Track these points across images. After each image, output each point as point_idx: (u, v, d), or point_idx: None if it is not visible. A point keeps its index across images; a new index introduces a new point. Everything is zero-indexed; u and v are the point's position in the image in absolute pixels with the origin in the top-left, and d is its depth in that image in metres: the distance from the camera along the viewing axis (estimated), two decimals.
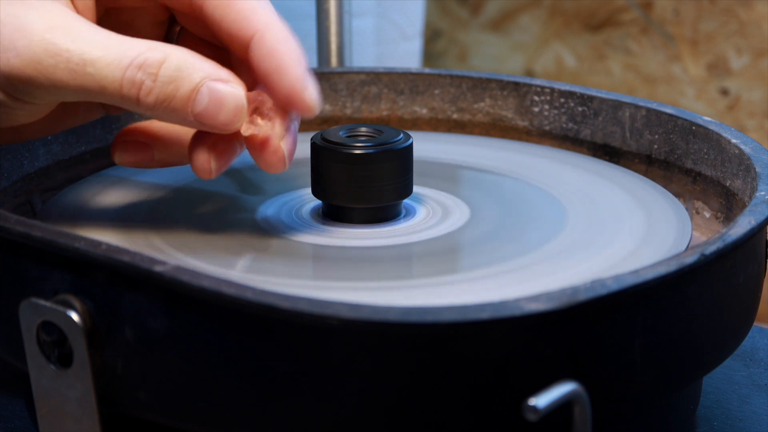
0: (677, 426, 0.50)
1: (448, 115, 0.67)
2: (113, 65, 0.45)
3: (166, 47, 0.46)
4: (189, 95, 0.45)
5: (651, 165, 0.61)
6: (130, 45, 0.45)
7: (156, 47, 0.45)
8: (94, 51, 0.45)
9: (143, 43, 0.46)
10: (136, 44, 0.45)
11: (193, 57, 0.46)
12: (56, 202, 0.56)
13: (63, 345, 0.42)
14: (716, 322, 0.45)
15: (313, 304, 0.38)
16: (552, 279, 0.48)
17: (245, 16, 0.47)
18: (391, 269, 0.50)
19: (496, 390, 0.39)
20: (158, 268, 0.40)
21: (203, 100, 0.46)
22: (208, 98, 0.46)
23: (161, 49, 0.45)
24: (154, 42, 0.46)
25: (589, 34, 1.30)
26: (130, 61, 0.45)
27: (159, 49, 0.45)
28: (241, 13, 0.47)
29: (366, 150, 0.52)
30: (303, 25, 1.03)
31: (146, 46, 0.45)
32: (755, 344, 0.61)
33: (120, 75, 0.45)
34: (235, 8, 0.47)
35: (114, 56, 0.45)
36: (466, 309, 0.38)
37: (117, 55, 0.45)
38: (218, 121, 0.46)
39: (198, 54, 0.46)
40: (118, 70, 0.45)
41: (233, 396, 0.40)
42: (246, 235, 0.52)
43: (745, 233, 0.45)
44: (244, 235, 0.52)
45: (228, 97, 0.46)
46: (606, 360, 0.41)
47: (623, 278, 0.40)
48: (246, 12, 0.47)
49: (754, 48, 1.21)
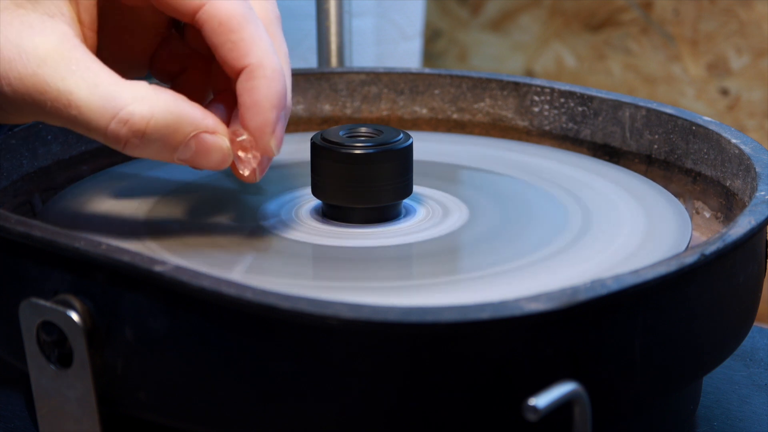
0: (677, 426, 0.50)
1: (448, 115, 0.67)
2: (98, 114, 0.45)
3: (153, 97, 0.46)
4: (175, 147, 0.46)
5: (651, 165, 0.61)
6: (117, 92, 0.45)
7: (143, 98, 0.45)
8: (81, 94, 0.45)
9: (131, 90, 0.45)
10: (124, 92, 0.45)
11: (181, 107, 0.46)
12: (56, 202, 0.56)
13: (63, 345, 0.42)
14: (716, 322, 0.45)
15: (313, 304, 0.38)
16: (552, 279, 0.48)
17: (242, 48, 0.47)
18: (391, 269, 0.50)
19: (496, 390, 0.39)
20: (158, 268, 0.40)
21: (189, 150, 0.47)
22: (194, 149, 0.47)
23: (148, 100, 0.45)
24: (143, 89, 0.46)
25: (589, 34, 1.30)
26: (114, 113, 0.45)
27: (146, 100, 0.45)
28: (238, 44, 0.47)
29: (366, 150, 0.52)
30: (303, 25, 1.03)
31: (133, 96, 0.45)
32: (755, 344, 0.61)
33: (105, 124, 0.45)
34: (233, 38, 0.47)
35: (99, 105, 0.45)
36: (466, 309, 0.38)
37: (102, 103, 0.45)
38: (203, 167, 0.47)
39: (186, 100, 0.46)
40: (102, 120, 0.45)
41: (233, 396, 0.40)
42: (246, 234, 0.52)
43: (745, 233, 0.45)
44: (244, 234, 0.52)
45: (213, 148, 0.47)
46: (606, 360, 0.41)
47: (623, 278, 0.40)
48: (244, 44, 0.47)
49: (754, 48, 1.21)
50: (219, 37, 0.46)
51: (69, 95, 0.45)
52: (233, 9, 0.46)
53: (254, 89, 0.46)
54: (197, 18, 0.47)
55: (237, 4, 0.46)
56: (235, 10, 0.46)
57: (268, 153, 0.48)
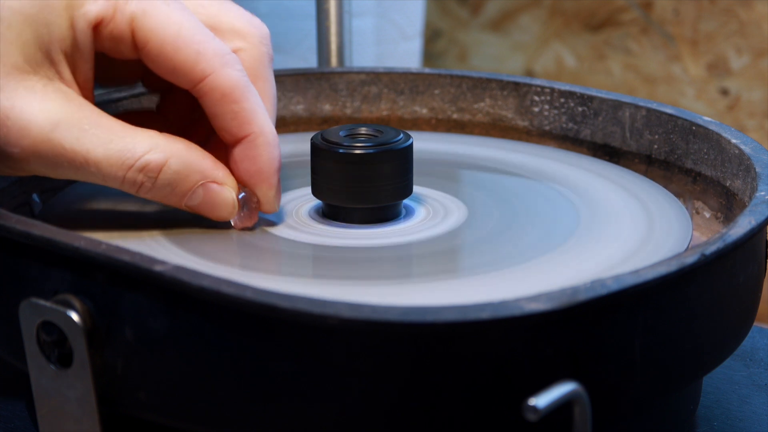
0: (677, 426, 0.50)
1: (448, 115, 0.67)
2: (115, 167, 0.47)
3: (167, 146, 0.47)
4: (184, 193, 0.49)
5: (651, 165, 0.61)
6: (133, 144, 0.47)
7: (158, 147, 0.47)
8: (97, 151, 0.46)
9: (146, 141, 0.47)
10: (139, 143, 0.47)
11: (192, 156, 0.48)
12: (56, 202, 0.56)
13: (63, 345, 0.42)
14: (716, 322, 0.45)
15: (313, 304, 0.38)
16: (552, 279, 0.48)
17: (243, 118, 0.48)
18: (391, 269, 0.50)
19: (496, 390, 0.39)
20: (158, 267, 0.40)
21: (197, 197, 0.49)
22: (202, 197, 0.49)
23: (162, 148, 0.47)
24: (156, 138, 0.47)
25: (589, 34, 1.30)
26: (132, 164, 0.47)
27: (160, 148, 0.47)
28: (240, 114, 0.48)
29: (366, 150, 0.52)
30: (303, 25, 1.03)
31: (149, 146, 0.47)
32: (755, 344, 0.61)
33: (122, 175, 0.47)
34: (235, 108, 0.48)
35: (116, 158, 0.47)
36: (466, 309, 0.38)
37: (119, 157, 0.47)
38: (209, 215, 0.50)
39: (198, 150, 0.48)
40: (120, 171, 0.47)
41: (233, 396, 0.40)
42: (246, 234, 0.52)
43: (746, 233, 0.45)
44: (244, 234, 0.52)
45: (220, 199, 0.49)
46: (606, 360, 0.41)
47: (623, 278, 0.40)
48: (245, 114, 0.48)
49: (754, 48, 1.21)
50: (221, 107, 0.48)
51: (86, 154, 0.46)
52: (235, 81, 0.48)
53: (257, 157, 0.49)
54: (198, 88, 0.48)
55: (237, 74, 0.48)
56: (237, 81, 0.48)
57: (271, 211, 0.51)
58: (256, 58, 0.49)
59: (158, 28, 0.47)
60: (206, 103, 0.48)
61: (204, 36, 0.47)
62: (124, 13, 0.46)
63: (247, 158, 0.49)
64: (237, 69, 0.48)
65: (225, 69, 0.47)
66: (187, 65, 0.47)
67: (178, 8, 0.47)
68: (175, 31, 0.47)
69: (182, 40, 0.47)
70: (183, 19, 0.47)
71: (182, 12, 0.47)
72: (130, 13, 0.46)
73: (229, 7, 0.50)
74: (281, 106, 0.67)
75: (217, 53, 0.47)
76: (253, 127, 0.49)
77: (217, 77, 0.47)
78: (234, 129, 0.49)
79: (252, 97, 0.48)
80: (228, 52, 0.48)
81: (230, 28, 0.49)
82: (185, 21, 0.47)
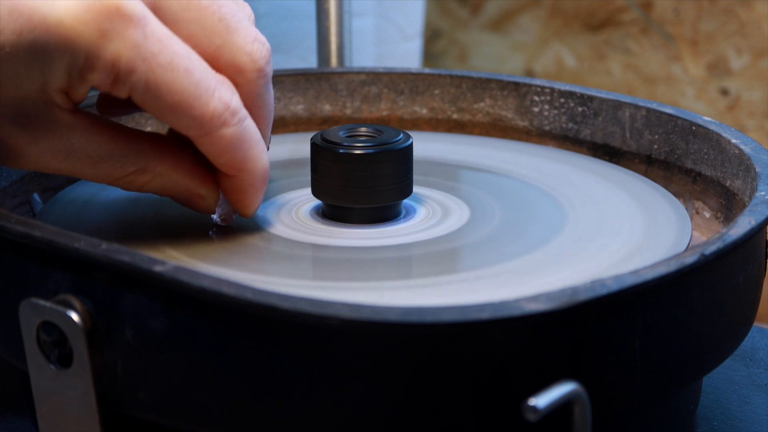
0: (677, 426, 0.50)
1: (448, 115, 0.67)
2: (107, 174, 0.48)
3: (157, 167, 0.48)
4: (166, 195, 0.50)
5: (651, 165, 0.61)
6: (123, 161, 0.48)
7: (147, 168, 0.48)
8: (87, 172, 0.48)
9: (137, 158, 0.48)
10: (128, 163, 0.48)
11: (178, 176, 0.49)
12: (56, 202, 0.56)
13: (63, 345, 0.42)
14: (716, 322, 0.45)
15: (313, 304, 0.38)
16: (552, 279, 0.48)
17: (231, 167, 0.48)
18: (391, 269, 0.50)
19: (496, 390, 0.39)
20: (158, 268, 0.40)
21: (179, 200, 0.50)
22: (182, 201, 0.50)
23: (151, 169, 0.48)
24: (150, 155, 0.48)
25: (589, 34, 1.30)
26: (120, 176, 0.48)
27: (148, 171, 0.48)
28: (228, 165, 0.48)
29: (366, 150, 0.52)
30: (303, 25, 1.03)
31: (137, 166, 0.48)
32: (755, 344, 0.61)
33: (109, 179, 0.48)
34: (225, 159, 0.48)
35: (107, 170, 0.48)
36: (466, 309, 0.38)
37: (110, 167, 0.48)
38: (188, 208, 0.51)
39: (184, 168, 0.49)
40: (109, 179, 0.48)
41: (233, 396, 0.40)
42: (246, 235, 0.52)
43: (745, 233, 0.45)
44: (244, 234, 0.52)
45: (200, 207, 0.51)
46: (606, 360, 0.41)
47: (623, 278, 0.40)
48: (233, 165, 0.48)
49: (754, 48, 1.21)
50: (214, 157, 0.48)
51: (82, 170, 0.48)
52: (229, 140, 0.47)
53: (242, 194, 0.50)
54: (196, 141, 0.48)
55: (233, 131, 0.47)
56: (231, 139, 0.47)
57: (247, 217, 0.52)
58: (252, 92, 0.48)
59: (158, 98, 0.45)
60: (200, 149, 0.48)
61: (205, 97, 0.46)
62: (125, 84, 0.45)
63: (233, 189, 0.50)
64: (233, 124, 0.47)
65: (220, 130, 0.47)
66: (184, 127, 0.47)
67: (182, 70, 0.45)
68: (175, 100, 0.45)
69: (181, 108, 0.46)
70: (186, 83, 0.45)
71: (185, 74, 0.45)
72: (131, 84, 0.45)
73: (234, 38, 0.48)
74: (281, 106, 0.67)
75: (215, 115, 0.46)
76: (242, 173, 0.49)
77: (212, 138, 0.47)
78: (224, 169, 0.49)
79: (245, 146, 0.48)
80: (227, 107, 0.47)
81: (231, 64, 0.48)
82: (187, 86, 0.46)
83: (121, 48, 0.44)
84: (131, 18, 0.44)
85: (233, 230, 0.52)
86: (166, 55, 0.45)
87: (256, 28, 0.49)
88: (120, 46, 0.44)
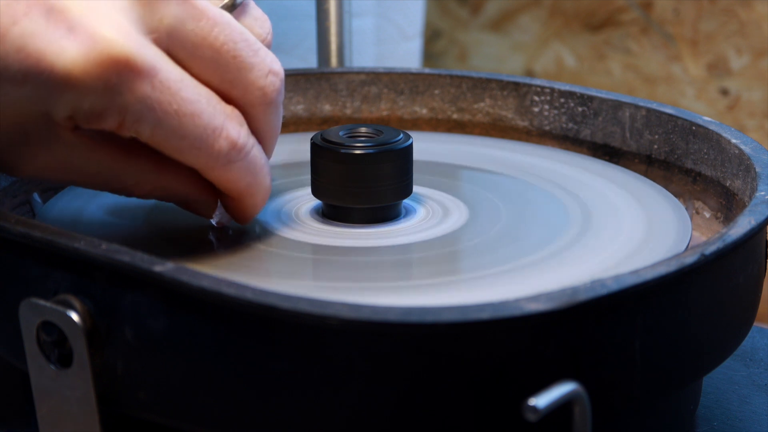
0: (677, 426, 0.50)
1: (448, 115, 0.67)
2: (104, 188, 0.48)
3: (155, 181, 0.48)
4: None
5: (651, 165, 0.61)
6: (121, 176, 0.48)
7: (143, 183, 0.48)
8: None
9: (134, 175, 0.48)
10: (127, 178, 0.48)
11: (176, 185, 0.48)
12: (56, 202, 0.56)
13: (63, 345, 0.42)
14: (716, 323, 0.45)
15: (314, 305, 0.38)
16: (552, 279, 0.48)
17: (234, 192, 0.48)
18: (391, 269, 0.50)
19: (496, 390, 0.39)
20: (158, 268, 0.40)
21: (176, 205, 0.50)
22: (182, 207, 0.50)
23: (149, 183, 0.48)
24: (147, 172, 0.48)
25: (589, 34, 1.30)
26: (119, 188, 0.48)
27: (148, 183, 0.48)
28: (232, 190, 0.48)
29: (366, 150, 0.52)
30: (303, 25, 1.03)
31: (135, 180, 0.48)
32: (755, 344, 0.61)
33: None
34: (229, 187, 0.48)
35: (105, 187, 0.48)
36: (466, 309, 0.38)
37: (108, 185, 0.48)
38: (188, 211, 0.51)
39: (183, 182, 0.48)
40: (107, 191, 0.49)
41: (233, 396, 0.40)
42: (246, 235, 0.52)
43: (745, 233, 0.45)
44: (243, 235, 0.52)
45: (198, 212, 0.50)
46: (606, 360, 0.41)
47: (623, 278, 0.40)
48: (236, 191, 0.48)
49: (754, 48, 1.21)
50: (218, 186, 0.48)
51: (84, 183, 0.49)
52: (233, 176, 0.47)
53: (242, 212, 0.50)
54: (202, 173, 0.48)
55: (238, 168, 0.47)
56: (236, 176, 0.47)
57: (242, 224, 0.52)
58: (262, 121, 0.48)
59: (162, 143, 0.45)
60: (206, 177, 0.48)
61: (212, 139, 0.46)
62: (129, 129, 0.44)
63: (232, 208, 0.50)
64: (239, 159, 0.47)
65: (225, 167, 0.47)
66: (189, 162, 0.46)
67: (188, 113, 0.45)
68: (180, 144, 0.45)
69: (185, 150, 0.45)
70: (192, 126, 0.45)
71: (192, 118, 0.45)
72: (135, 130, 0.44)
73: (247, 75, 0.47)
74: None
75: (220, 155, 0.46)
76: (243, 197, 0.49)
77: (217, 175, 0.47)
78: (227, 193, 0.49)
79: (249, 177, 0.48)
80: (233, 146, 0.46)
81: (242, 100, 0.47)
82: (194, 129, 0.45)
83: (128, 101, 0.43)
84: (140, 71, 0.43)
85: (232, 231, 0.52)
86: (174, 103, 0.44)
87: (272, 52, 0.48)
88: (128, 99, 0.43)
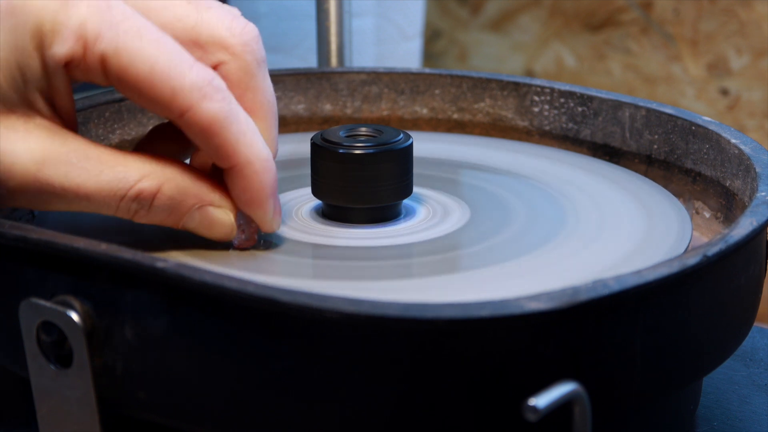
0: (677, 426, 0.50)
1: (448, 115, 0.67)
2: (108, 197, 0.46)
3: (160, 171, 0.46)
4: (180, 217, 0.48)
5: (651, 165, 0.61)
6: (124, 173, 0.46)
7: (150, 174, 0.46)
8: (88, 185, 0.45)
9: (138, 168, 0.46)
10: (131, 172, 0.46)
11: (186, 180, 0.47)
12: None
13: (63, 345, 0.42)
14: (717, 323, 0.45)
15: (314, 298, 0.38)
16: (552, 279, 0.48)
17: (226, 150, 0.47)
18: (391, 269, 0.50)
19: (496, 389, 0.39)
20: (160, 264, 0.40)
21: (194, 220, 0.48)
22: (198, 220, 0.48)
23: (155, 175, 0.46)
24: (148, 164, 0.46)
25: (589, 34, 1.30)
26: (124, 194, 0.46)
27: (153, 175, 0.46)
28: (222, 148, 0.46)
29: (366, 150, 0.52)
30: (303, 25, 1.03)
31: (140, 174, 0.46)
32: (755, 344, 0.61)
33: (115, 205, 0.46)
34: (216, 142, 0.46)
35: (108, 189, 0.46)
36: (466, 306, 0.38)
37: (111, 188, 0.46)
38: (207, 236, 0.49)
39: (192, 173, 0.47)
40: (113, 201, 0.46)
41: (233, 396, 0.40)
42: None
43: (747, 234, 0.45)
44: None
45: (217, 221, 0.48)
46: (606, 360, 0.41)
47: (625, 279, 0.40)
48: (228, 147, 0.46)
49: (754, 48, 1.21)
50: (202, 141, 0.46)
51: (77, 189, 0.45)
52: (213, 115, 0.46)
53: (247, 187, 0.47)
54: (178, 122, 0.46)
55: (216, 107, 0.46)
56: (215, 115, 0.46)
57: (271, 231, 0.50)
58: (242, 68, 0.47)
59: (130, 67, 0.44)
60: (189, 136, 0.47)
61: (180, 68, 0.45)
62: (94, 52, 0.44)
63: (237, 186, 0.48)
64: (217, 100, 0.45)
65: (203, 104, 0.45)
66: (164, 102, 0.45)
67: (153, 39, 0.45)
68: (149, 68, 0.44)
69: (156, 77, 0.44)
70: (158, 52, 0.45)
71: (157, 43, 0.45)
72: (101, 52, 0.44)
73: (208, 15, 0.47)
74: (282, 105, 0.67)
75: (194, 87, 0.45)
76: (238, 158, 0.47)
77: (195, 114, 0.45)
78: (219, 161, 0.47)
79: (234, 127, 0.46)
80: (208, 82, 0.45)
81: (211, 41, 0.47)
82: (160, 55, 0.45)
83: (84, 13, 0.44)
84: None
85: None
86: (133, 24, 0.44)
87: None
88: (83, 12, 0.44)
